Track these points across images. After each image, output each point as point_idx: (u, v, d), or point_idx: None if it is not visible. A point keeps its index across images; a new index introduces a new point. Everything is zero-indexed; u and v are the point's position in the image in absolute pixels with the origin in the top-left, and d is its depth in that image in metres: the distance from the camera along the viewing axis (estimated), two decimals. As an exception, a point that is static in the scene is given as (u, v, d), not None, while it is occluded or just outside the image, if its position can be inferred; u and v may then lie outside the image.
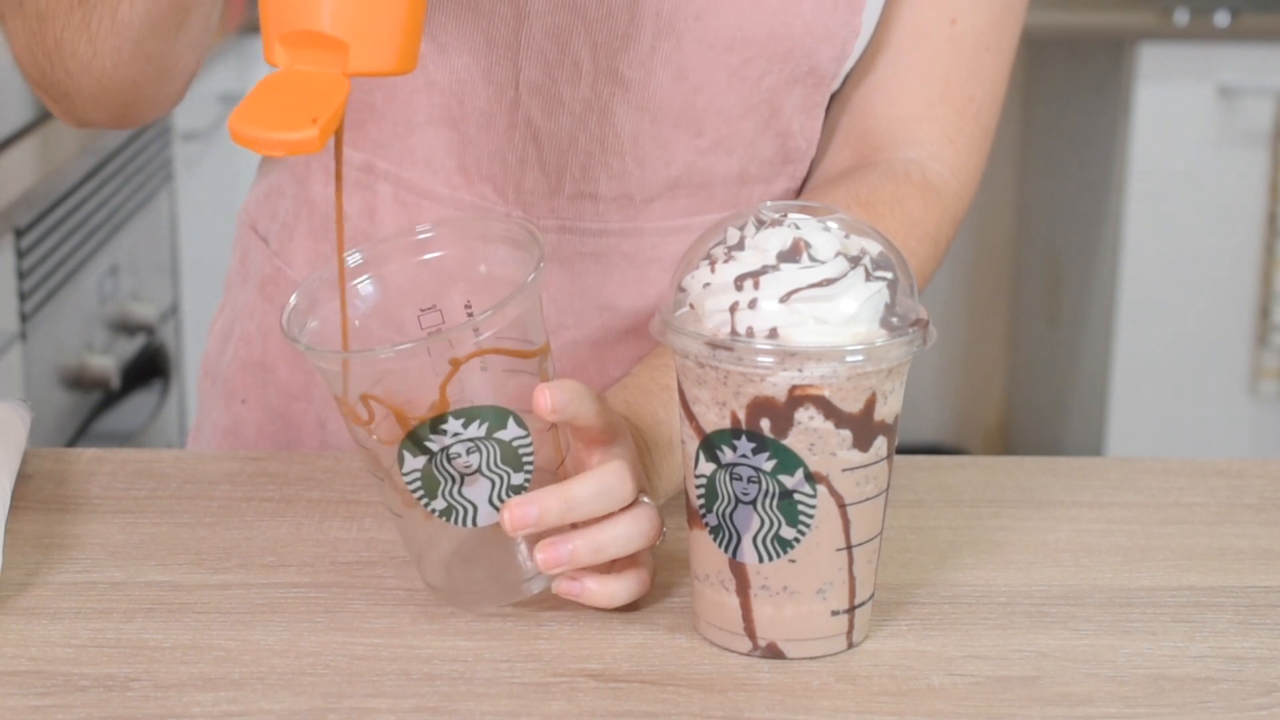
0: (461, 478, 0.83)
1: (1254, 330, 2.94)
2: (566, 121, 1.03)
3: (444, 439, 0.82)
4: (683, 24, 1.02)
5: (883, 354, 0.79)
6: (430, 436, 0.82)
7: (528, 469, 0.83)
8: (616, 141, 1.04)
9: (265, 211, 1.15)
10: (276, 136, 0.76)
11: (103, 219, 2.14)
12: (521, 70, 1.02)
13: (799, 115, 1.07)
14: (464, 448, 0.82)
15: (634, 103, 1.03)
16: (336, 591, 0.88)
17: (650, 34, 1.02)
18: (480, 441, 0.82)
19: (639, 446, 0.91)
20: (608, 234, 1.06)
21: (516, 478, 0.83)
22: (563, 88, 1.03)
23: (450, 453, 0.82)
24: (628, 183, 1.05)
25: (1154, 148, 2.87)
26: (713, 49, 1.02)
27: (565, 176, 1.05)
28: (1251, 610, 0.89)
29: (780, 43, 1.03)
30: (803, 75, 1.05)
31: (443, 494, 0.83)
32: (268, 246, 1.14)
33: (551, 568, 0.82)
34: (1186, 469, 1.07)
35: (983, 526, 0.98)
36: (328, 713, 0.77)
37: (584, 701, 0.78)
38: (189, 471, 1.03)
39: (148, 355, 2.33)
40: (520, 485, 0.83)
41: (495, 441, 0.82)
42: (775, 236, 0.80)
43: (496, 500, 0.83)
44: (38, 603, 0.87)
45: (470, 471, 0.82)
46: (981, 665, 0.82)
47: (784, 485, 0.80)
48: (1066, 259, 3.18)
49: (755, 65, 1.03)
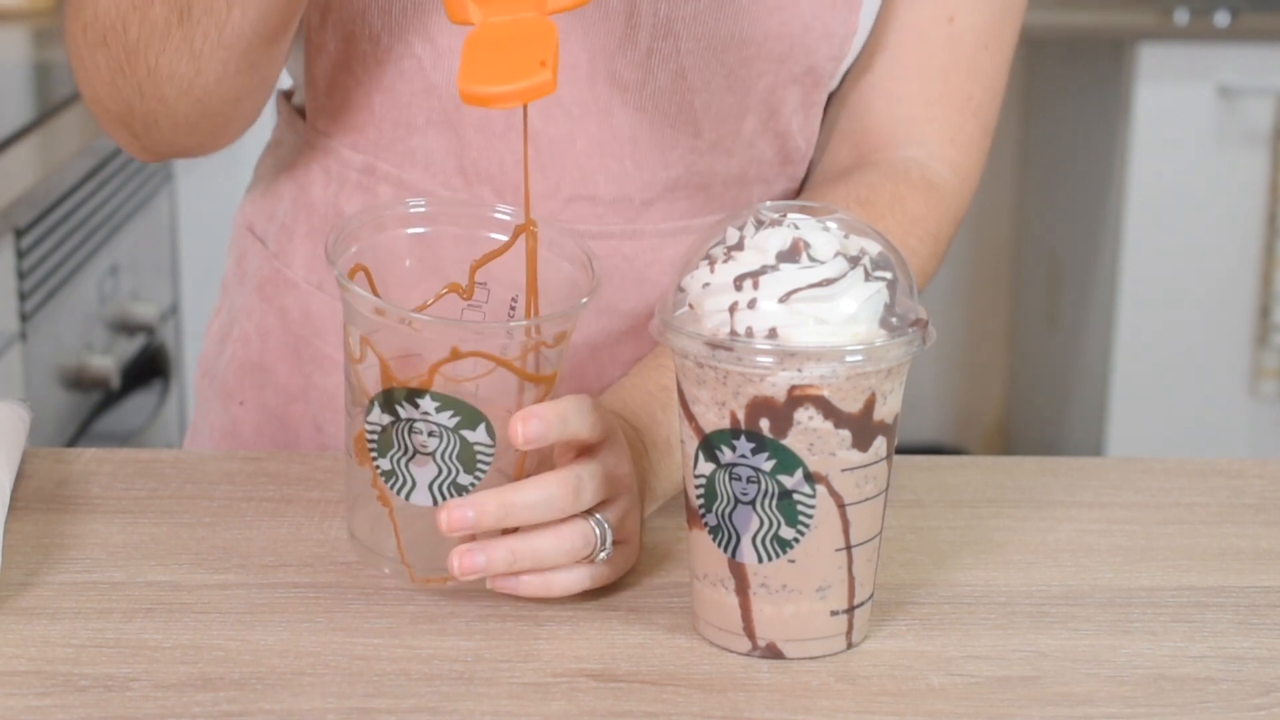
0: (415, 452, 0.83)
1: (1254, 330, 2.94)
2: (564, 123, 1.03)
3: (413, 411, 0.82)
4: (680, 25, 1.02)
5: (882, 354, 0.79)
6: (403, 403, 0.83)
7: (479, 474, 0.84)
8: (615, 143, 1.04)
9: (263, 213, 1.15)
10: (512, 88, 0.77)
11: (103, 219, 2.14)
12: None
13: (797, 115, 1.07)
14: (427, 428, 0.83)
15: (632, 104, 1.03)
16: (336, 591, 0.88)
17: (647, 35, 1.02)
18: (445, 430, 0.83)
19: (637, 447, 0.91)
20: (608, 236, 1.06)
21: (464, 478, 0.84)
22: (560, 90, 1.02)
23: (414, 426, 0.83)
24: (627, 184, 1.05)
25: (1154, 148, 2.87)
26: (710, 49, 1.02)
27: (564, 178, 1.04)
28: (1251, 610, 0.89)
29: (778, 43, 1.03)
30: (800, 75, 1.05)
31: (391, 458, 0.84)
32: (266, 248, 1.14)
33: (466, 575, 0.83)
34: (1186, 469, 1.07)
35: (983, 526, 0.98)
36: (328, 713, 0.77)
37: (584, 701, 0.78)
38: (189, 471, 1.03)
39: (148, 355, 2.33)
40: (465, 486, 0.84)
41: (459, 436, 0.83)
42: (775, 236, 0.80)
43: (437, 490, 0.84)
44: (38, 603, 0.87)
45: (425, 451, 0.83)
46: (981, 665, 0.82)
47: (783, 485, 0.80)
48: (1066, 259, 3.18)
49: (753, 66, 1.03)
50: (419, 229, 0.89)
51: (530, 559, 0.83)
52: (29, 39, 2.63)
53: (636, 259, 1.07)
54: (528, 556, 0.83)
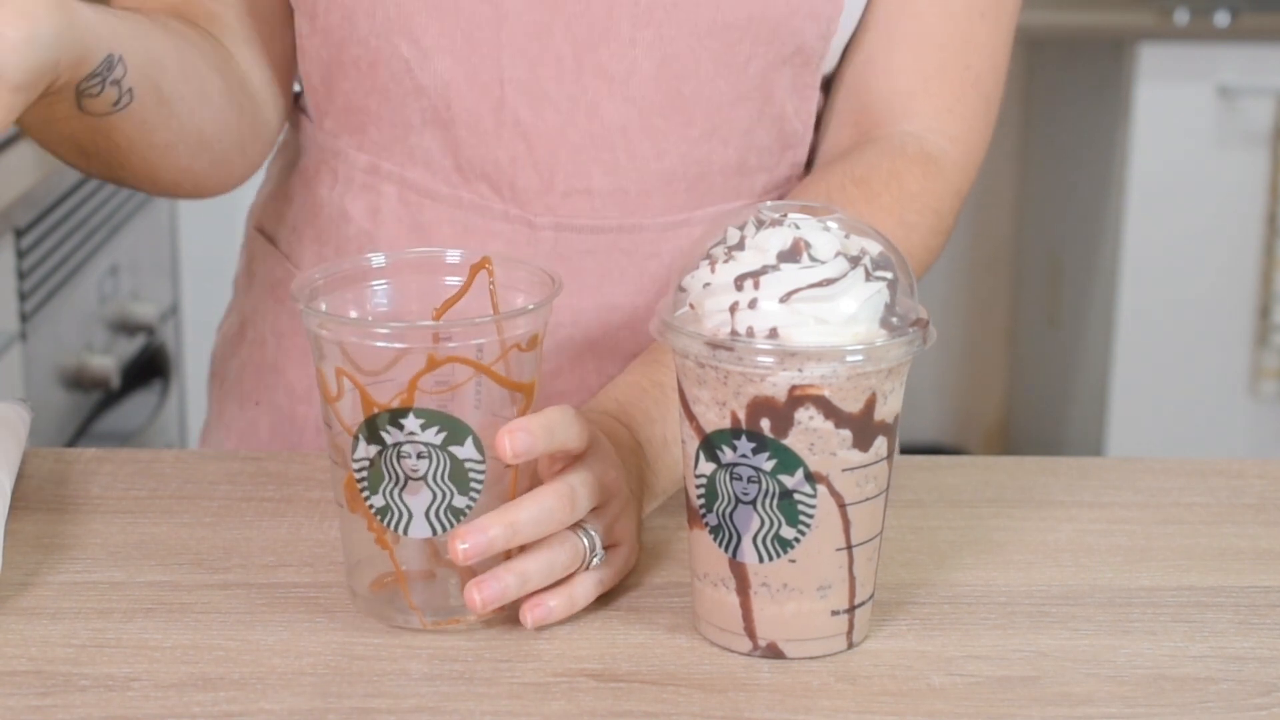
0: (406, 480, 0.82)
1: (1254, 330, 2.94)
2: (554, 118, 1.03)
3: (399, 434, 0.81)
4: (661, 12, 1.01)
5: (883, 354, 0.79)
6: (387, 427, 0.81)
7: (473, 494, 0.82)
8: (606, 135, 1.04)
9: (272, 214, 1.16)
10: None
11: (103, 219, 2.14)
12: (505, 69, 1.02)
13: (791, 98, 1.07)
14: (415, 450, 0.81)
15: (619, 95, 1.03)
16: (336, 591, 0.88)
17: (629, 25, 1.02)
18: (433, 449, 0.81)
19: (629, 445, 0.91)
20: (605, 230, 1.06)
21: (459, 500, 0.82)
22: (547, 84, 1.03)
23: (401, 450, 0.82)
24: (621, 176, 1.05)
25: (1154, 148, 2.87)
26: (694, 35, 1.02)
27: (558, 172, 1.04)
28: (1251, 610, 0.89)
29: (762, 24, 1.02)
30: (789, 56, 1.05)
31: (384, 491, 0.82)
32: (277, 249, 1.14)
33: (489, 606, 0.82)
34: (1186, 469, 1.07)
35: (983, 526, 0.98)
36: (328, 713, 0.77)
37: (584, 701, 0.78)
38: (189, 471, 1.03)
39: (148, 355, 2.33)
40: (461, 509, 0.82)
41: (447, 454, 0.82)
42: (775, 236, 0.80)
43: (434, 517, 0.82)
44: (38, 603, 0.87)
45: (416, 476, 0.82)
46: (981, 665, 0.82)
47: (784, 485, 0.80)
48: (1067, 258, 3.18)
49: (740, 50, 1.03)
50: (379, 282, 0.88)
51: (539, 577, 0.83)
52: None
53: (635, 252, 1.07)
54: (536, 575, 0.83)
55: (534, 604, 0.83)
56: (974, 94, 1.09)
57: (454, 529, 0.82)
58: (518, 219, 1.06)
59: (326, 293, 0.86)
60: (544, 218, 1.05)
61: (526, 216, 1.05)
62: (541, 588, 0.83)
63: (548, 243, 1.06)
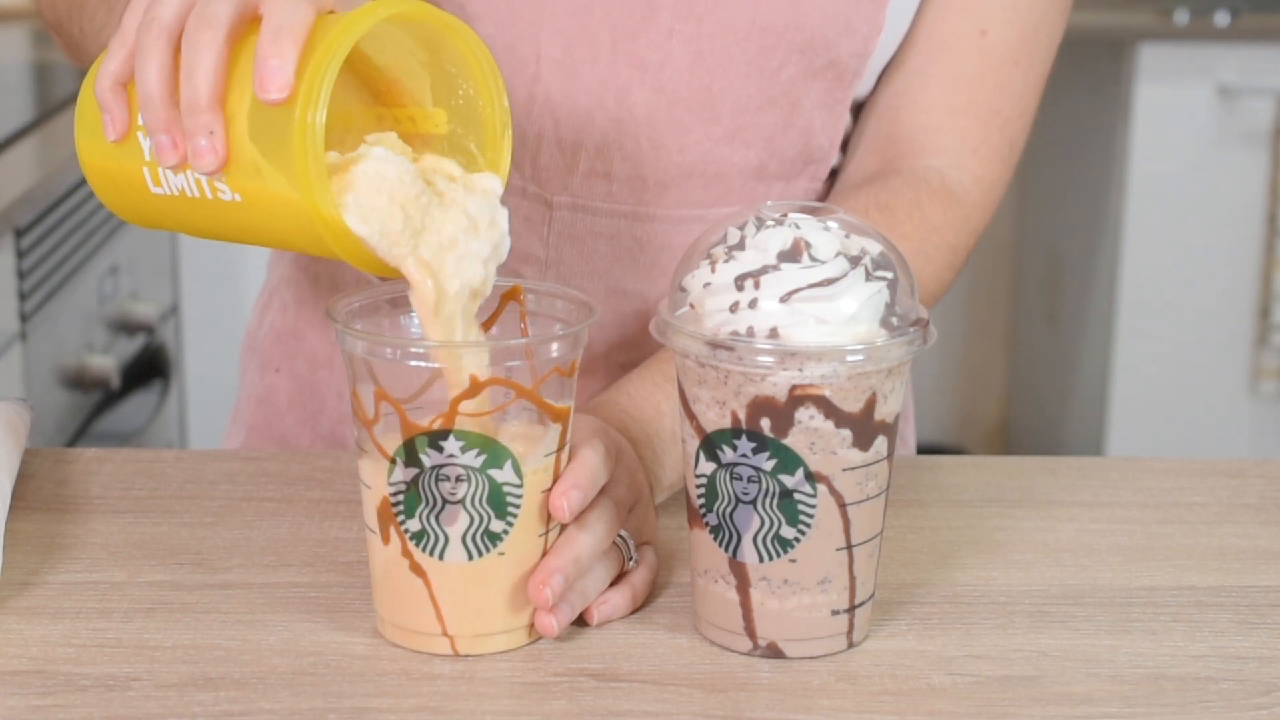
0: (444, 503, 0.81)
1: (1254, 330, 2.94)
2: (584, 100, 1.04)
3: (438, 457, 0.80)
4: (701, 8, 1.03)
5: (883, 354, 0.79)
6: (427, 450, 0.80)
7: (509, 519, 0.81)
8: (632, 123, 1.05)
9: None
10: None
11: (103, 219, 2.14)
12: (542, 46, 1.03)
13: (820, 112, 1.07)
14: (454, 473, 0.81)
15: (650, 85, 1.04)
16: (336, 591, 0.88)
17: (669, 16, 1.03)
18: (472, 472, 0.80)
19: (639, 440, 0.92)
20: (619, 215, 1.07)
21: (496, 524, 0.81)
22: (581, 66, 1.03)
23: (440, 474, 0.81)
24: (641, 165, 1.06)
25: (1154, 148, 2.87)
26: (731, 35, 1.03)
27: (580, 154, 1.05)
28: (1251, 610, 0.89)
29: (798, 32, 1.03)
30: (822, 69, 1.05)
31: (420, 515, 0.81)
32: None
33: (564, 628, 0.83)
34: (1186, 469, 1.07)
35: (983, 526, 0.98)
36: (328, 713, 0.77)
37: (584, 701, 0.78)
38: (189, 471, 1.03)
39: (148, 355, 2.33)
40: (498, 534, 0.81)
41: (487, 477, 0.81)
42: (776, 236, 0.80)
43: (470, 542, 0.81)
44: (38, 603, 0.87)
45: (454, 500, 0.81)
46: (982, 665, 0.82)
47: (784, 485, 0.80)
48: (1066, 258, 3.18)
49: (773, 55, 1.04)
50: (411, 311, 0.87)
51: (594, 591, 0.85)
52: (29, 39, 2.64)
53: (648, 243, 1.07)
54: (593, 590, 0.85)
55: (599, 603, 0.85)
56: (999, 138, 1.10)
57: (536, 578, 0.82)
58: (535, 196, 1.07)
59: (363, 317, 0.86)
60: (561, 197, 1.06)
61: (544, 195, 1.07)
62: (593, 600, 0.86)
63: (562, 222, 1.07)
